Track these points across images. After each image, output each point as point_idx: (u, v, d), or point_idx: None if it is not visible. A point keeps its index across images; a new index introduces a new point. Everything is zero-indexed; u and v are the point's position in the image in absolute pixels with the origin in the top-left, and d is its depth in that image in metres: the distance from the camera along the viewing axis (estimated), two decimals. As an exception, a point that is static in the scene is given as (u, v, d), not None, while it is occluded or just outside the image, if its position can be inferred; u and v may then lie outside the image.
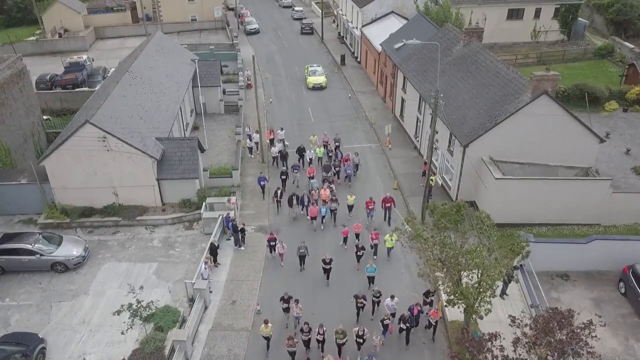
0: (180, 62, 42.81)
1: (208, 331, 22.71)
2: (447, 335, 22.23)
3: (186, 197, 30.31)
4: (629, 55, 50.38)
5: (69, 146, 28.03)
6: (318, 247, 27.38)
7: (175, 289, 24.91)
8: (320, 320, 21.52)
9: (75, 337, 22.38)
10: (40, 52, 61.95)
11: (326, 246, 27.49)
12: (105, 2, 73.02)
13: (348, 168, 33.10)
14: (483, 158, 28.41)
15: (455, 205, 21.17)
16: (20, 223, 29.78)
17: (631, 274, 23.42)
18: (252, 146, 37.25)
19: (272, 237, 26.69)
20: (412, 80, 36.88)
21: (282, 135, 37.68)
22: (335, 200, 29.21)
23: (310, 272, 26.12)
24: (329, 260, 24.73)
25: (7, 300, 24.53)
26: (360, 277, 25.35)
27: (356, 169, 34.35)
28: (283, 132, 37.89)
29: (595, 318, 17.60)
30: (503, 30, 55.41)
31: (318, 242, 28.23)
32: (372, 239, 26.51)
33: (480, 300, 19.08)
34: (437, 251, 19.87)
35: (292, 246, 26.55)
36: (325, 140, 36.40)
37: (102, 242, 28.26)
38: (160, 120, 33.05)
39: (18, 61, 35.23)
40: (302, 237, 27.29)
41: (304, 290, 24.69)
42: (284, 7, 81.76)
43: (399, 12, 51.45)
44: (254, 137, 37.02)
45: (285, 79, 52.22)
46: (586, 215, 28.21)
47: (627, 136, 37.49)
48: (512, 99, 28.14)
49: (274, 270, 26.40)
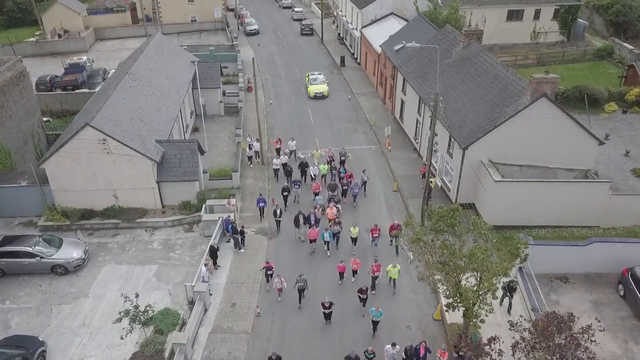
0: (180, 63, 42.86)
1: (208, 334, 22.74)
2: (446, 338, 22.27)
3: (186, 199, 30.35)
4: (628, 57, 50.43)
5: (69, 149, 28.07)
6: (318, 277, 25.61)
7: (175, 292, 24.95)
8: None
9: (76, 340, 22.43)
10: (40, 53, 61.99)
11: (327, 277, 25.62)
12: (105, 3, 73.10)
13: (355, 187, 31.17)
14: (482, 160, 28.45)
15: (451, 209, 21.16)
16: (20, 225, 29.82)
17: (630, 276, 23.45)
18: (251, 155, 36.02)
19: (268, 266, 24.94)
20: (412, 82, 36.91)
21: (293, 146, 35.83)
22: (338, 223, 27.37)
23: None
24: (328, 304, 22.49)
25: (7, 302, 24.57)
26: (365, 322, 23.02)
27: (364, 186, 32.48)
28: (294, 143, 35.98)
29: (594, 322, 17.61)
30: (503, 31, 55.49)
31: (319, 270, 25.98)
32: (374, 271, 24.35)
33: (480, 303, 19.13)
34: (437, 254, 19.85)
35: (292, 273, 24.84)
36: (330, 155, 34.98)
37: (102, 245, 28.30)
38: (160, 123, 33.10)
39: (18, 63, 35.29)
40: (304, 263, 25.99)
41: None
42: (283, 7, 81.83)
43: (399, 14, 51.51)
44: (254, 146, 35.92)
45: (285, 80, 52.27)
46: (585, 218, 28.25)
47: (627, 138, 37.52)
48: (512, 102, 28.18)
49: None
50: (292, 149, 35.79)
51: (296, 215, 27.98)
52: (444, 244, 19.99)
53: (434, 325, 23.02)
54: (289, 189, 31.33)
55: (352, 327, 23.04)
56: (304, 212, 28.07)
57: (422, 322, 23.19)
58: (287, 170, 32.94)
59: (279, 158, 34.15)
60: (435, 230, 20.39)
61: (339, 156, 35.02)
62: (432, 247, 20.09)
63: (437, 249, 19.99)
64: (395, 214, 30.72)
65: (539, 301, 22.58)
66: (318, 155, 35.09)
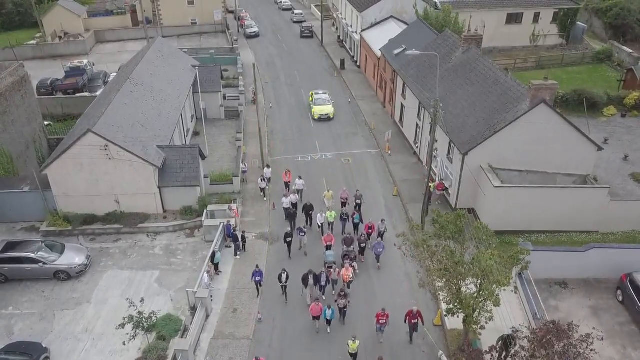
0: (181, 67, 43.03)
1: (210, 340, 22.90)
2: (446, 343, 22.45)
3: (187, 205, 30.51)
4: (627, 60, 50.63)
5: (71, 155, 28.23)
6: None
7: (177, 297, 25.11)
8: None
9: (79, 346, 22.60)
10: (40, 56, 62.10)
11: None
12: (105, 5, 73.19)
13: (379, 246, 26.09)
14: (482, 166, 28.63)
15: (458, 215, 21.29)
16: (22, 230, 29.99)
17: (629, 282, 23.63)
18: (264, 187, 32.54)
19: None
20: (412, 87, 37.07)
21: (300, 185, 31.84)
22: (345, 296, 23.06)
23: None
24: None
25: (10, 308, 24.74)
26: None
27: (381, 237, 27.47)
28: (302, 182, 31.88)
29: (594, 332, 17.76)
30: (502, 35, 55.71)
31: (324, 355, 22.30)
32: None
33: (480, 309, 19.30)
34: (441, 259, 19.90)
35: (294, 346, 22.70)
36: (344, 197, 30.32)
37: (104, 250, 28.47)
38: (162, 128, 33.27)
39: (20, 68, 35.40)
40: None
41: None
42: (283, 9, 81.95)
43: (399, 17, 51.62)
44: (265, 173, 33.01)
45: (285, 83, 52.43)
46: (584, 223, 28.46)
47: (626, 142, 37.71)
48: (511, 107, 28.36)
49: (276, 277, 25.98)
50: (300, 189, 31.90)
51: (305, 274, 24.16)
52: (446, 250, 20.11)
53: (434, 330, 23.19)
54: (292, 234, 27.48)
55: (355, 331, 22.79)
56: (315, 271, 24.20)
57: (422, 328, 23.30)
58: (290, 213, 29.06)
59: (289, 197, 30.31)
60: (439, 236, 20.50)
61: (353, 199, 30.35)
62: (434, 253, 20.22)
63: (439, 255, 20.11)
64: (396, 219, 30.90)
65: (538, 307, 22.76)
66: (329, 197, 30.25)
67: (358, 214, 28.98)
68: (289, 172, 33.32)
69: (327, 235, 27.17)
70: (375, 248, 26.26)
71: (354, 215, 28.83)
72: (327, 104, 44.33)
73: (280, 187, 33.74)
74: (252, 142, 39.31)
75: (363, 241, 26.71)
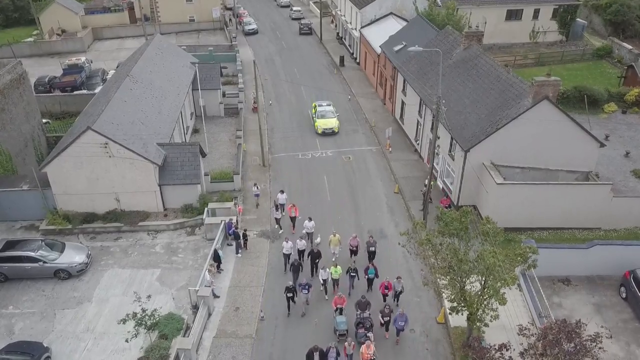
0: (180, 65, 42.78)
1: (212, 338, 22.77)
2: (450, 341, 22.36)
3: (188, 203, 30.33)
4: (627, 56, 50.54)
5: (70, 152, 28.02)
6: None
7: (178, 296, 24.96)
8: None
9: (80, 345, 22.43)
10: (38, 54, 61.72)
11: None
12: (102, 2, 72.78)
13: (401, 319, 21.11)
14: (484, 163, 28.52)
15: (464, 212, 21.13)
16: (22, 229, 29.76)
17: (632, 279, 23.58)
18: (279, 217, 29.35)
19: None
20: (413, 84, 36.92)
21: (310, 227, 27.22)
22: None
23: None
24: None
25: (10, 308, 24.54)
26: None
27: (397, 299, 23.63)
28: (312, 224, 27.27)
29: (602, 330, 17.68)
30: (502, 31, 55.56)
31: None
32: None
33: (484, 307, 19.20)
34: (445, 257, 19.79)
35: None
36: (354, 244, 25.88)
37: (105, 249, 28.28)
38: (162, 125, 33.06)
39: (18, 66, 35.11)
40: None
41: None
42: (282, 6, 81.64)
43: (398, 14, 51.44)
44: (278, 199, 29.77)
45: (285, 80, 52.21)
46: (587, 219, 28.39)
47: (627, 138, 37.64)
48: (513, 104, 28.24)
49: (277, 278, 26.18)
50: (310, 231, 27.37)
51: (310, 350, 19.74)
52: (450, 247, 19.98)
53: (438, 328, 23.10)
54: (294, 289, 23.27)
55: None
56: (322, 348, 19.86)
57: (426, 325, 23.26)
58: (295, 265, 24.76)
59: (297, 241, 26.11)
60: (443, 234, 20.37)
61: (365, 246, 25.79)
62: (438, 250, 20.09)
63: (443, 252, 19.99)
64: (397, 216, 30.78)
65: (542, 305, 22.68)
66: (336, 242, 25.97)
67: (372, 267, 24.09)
68: (295, 207, 28.78)
69: (337, 297, 22.55)
70: (396, 321, 21.35)
71: (368, 270, 24.03)
72: (331, 117, 41.00)
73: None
74: (252, 140, 39.13)
75: (387, 314, 21.43)
